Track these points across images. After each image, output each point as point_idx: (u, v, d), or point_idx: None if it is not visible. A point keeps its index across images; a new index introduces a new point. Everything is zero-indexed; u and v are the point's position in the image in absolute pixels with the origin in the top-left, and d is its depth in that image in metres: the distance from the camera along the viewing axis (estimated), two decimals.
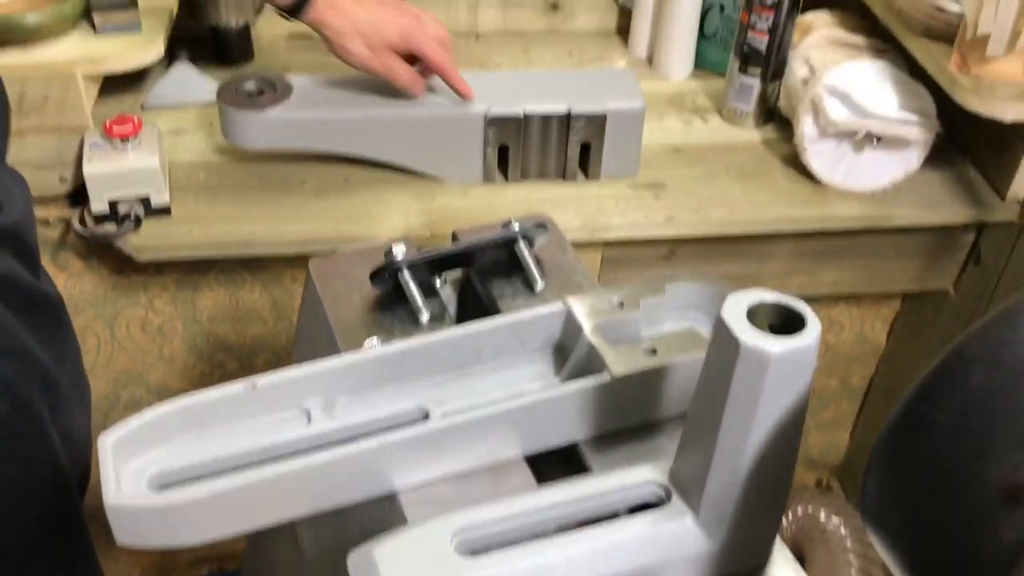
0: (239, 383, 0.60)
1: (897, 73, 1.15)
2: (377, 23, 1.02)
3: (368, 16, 1.02)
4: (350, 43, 1.03)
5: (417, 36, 1.05)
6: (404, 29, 1.04)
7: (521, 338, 0.66)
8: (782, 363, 0.46)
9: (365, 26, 1.02)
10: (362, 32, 1.02)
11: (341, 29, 1.02)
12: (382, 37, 1.03)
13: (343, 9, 1.01)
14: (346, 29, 1.02)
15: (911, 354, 1.42)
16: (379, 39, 1.03)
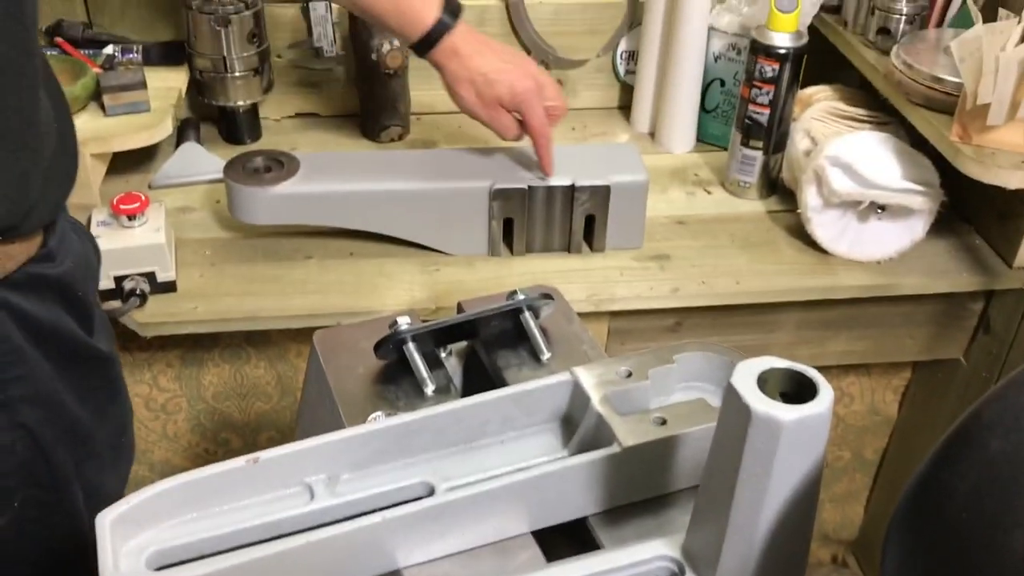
0: (240, 459, 0.59)
1: (899, 144, 1.16)
2: (493, 78, 1.04)
3: (486, 70, 1.04)
4: (462, 89, 1.05)
5: (528, 100, 1.06)
6: (518, 92, 1.05)
7: (528, 410, 0.65)
8: (795, 431, 0.45)
9: (480, 78, 1.04)
10: (475, 83, 1.04)
11: (457, 76, 1.04)
12: (493, 92, 1.05)
13: (464, 57, 1.04)
14: (462, 77, 1.04)
15: (924, 425, 1.40)
16: (490, 93, 1.05)
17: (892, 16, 1.21)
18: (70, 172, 0.78)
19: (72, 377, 0.77)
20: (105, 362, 0.83)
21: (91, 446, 0.80)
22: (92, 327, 0.81)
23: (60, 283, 0.75)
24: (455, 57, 1.03)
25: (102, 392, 0.83)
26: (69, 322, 0.77)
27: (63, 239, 0.77)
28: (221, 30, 1.26)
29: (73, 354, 0.78)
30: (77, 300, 0.78)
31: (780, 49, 1.19)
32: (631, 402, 0.63)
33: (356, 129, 1.44)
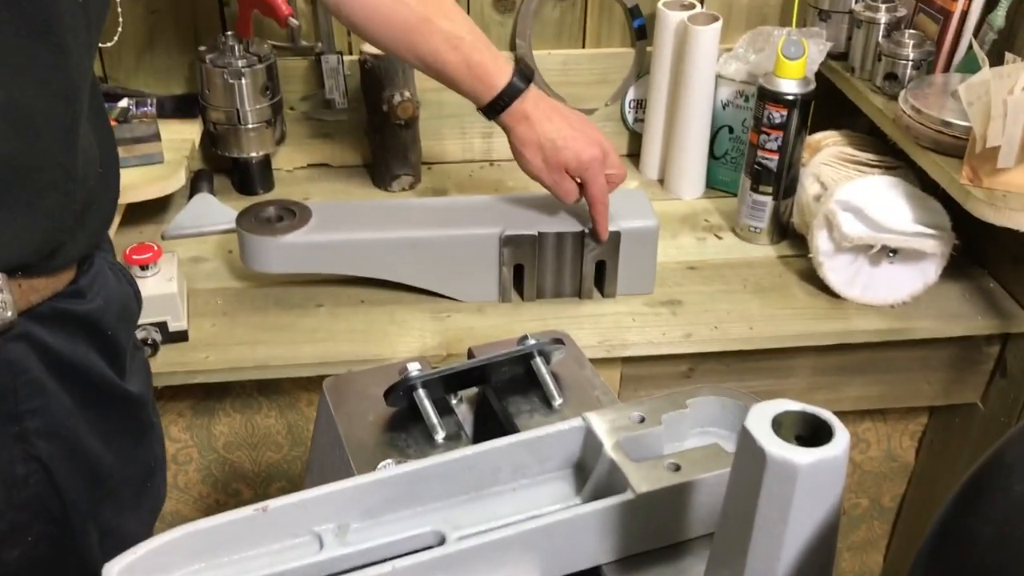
0: (249, 508, 0.58)
1: (909, 188, 1.16)
2: (560, 144, 1.06)
3: (554, 136, 1.06)
4: (529, 153, 1.07)
5: (592, 168, 1.07)
6: (583, 161, 1.07)
7: (540, 456, 0.64)
8: (811, 475, 0.44)
9: (548, 144, 1.06)
10: (543, 148, 1.06)
11: (525, 139, 1.06)
12: (560, 158, 1.06)
13: (534, 121, 1.05)
14: (530, 141, 1.06)
15: (942, 471, 1.38)
16: (557, 158, 1.07)
17: (899, 62, 1.22)
18: (108, 211, 0.78)
19: (96, 416, 0.77)
20: (135, 404, 0.82)
21: (111, 487, 0.79)
22: (124, 368, 0.80)
23: (87, 320, 0.75)
24: (524, 121, 1.05)
25: (129, 434, 0.82)
26: (96, 360, 0.76)
27: (97, 278, 0.77)
28: (234, 83, 1.28)
29: (99, 392, 0.77)
30: (106, 339, 0.77)
31: (788, 95, 1.20)
32: (644, 448, 0.62)
33: (368, 179, 1.46)
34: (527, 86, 1.05)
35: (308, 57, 1.39)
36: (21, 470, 0.72)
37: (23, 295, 0.70)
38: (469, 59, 1.02)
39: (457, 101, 1.43)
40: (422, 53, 1.02)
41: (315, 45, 1.37)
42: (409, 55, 1.03)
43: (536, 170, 1.08)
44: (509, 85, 1.04)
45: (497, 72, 1.04)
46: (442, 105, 1.45)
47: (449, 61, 1.02)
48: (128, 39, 1.33)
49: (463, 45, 1.02)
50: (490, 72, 1.03)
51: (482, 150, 1.51)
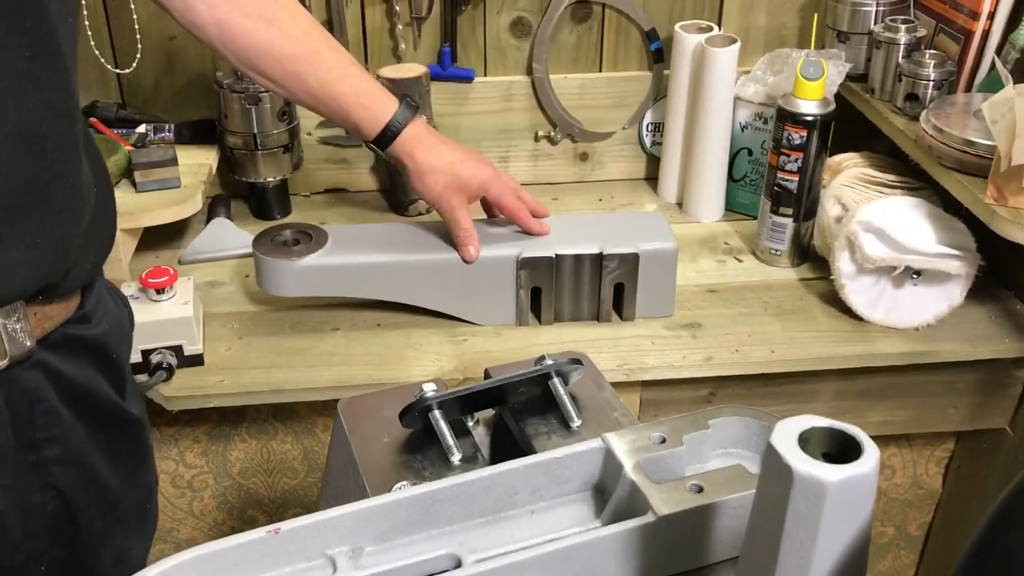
0: (261, 529, 0.57)
1: (932, 208, 1.14)
2: (459, 168, 1.07)
3: (452, 159, 1.06)
4: (430, 178, 1.06)
5: (494, 186, 1.09)
6: (484, 180, 1.08)
7: (558, 478, 0.62)
8: (840, 492, 0.43)
9: (446, 166, 1.06)
10: (443, 171, 1.06)
11: (424, 164, 1.05)
12: (459, 181, 1.07)
13: (430, 146, 1.05)
14: (429, 165, 1.05)
15: (971, 498, 1.35)
16: (456, 182, 1.07)
17: (920, 82, 1.21)
18: (108, 235, 0.79)
19: (103, 440, 0.77)
20: (136, 426, 0.83)
21: (120, 511, 0.79)
22: (125, 390, 0.81)
23: (95, 345, 0.76)
24: (420, 146, 1.04)
25: (132, 457, 0.83)
26: (103, 384, 0.77)
27: (100, 301, 0.78)
28: (252, 108, 1.28)
29: (106, 417, 0.78)
30: (111, 363, 0.78)
31: (808, 116, 1.19)
32: (665, 469, 0.61)
33: (385, 204, 1.45)
34: (415, 114, 1.05)
35: None
36: (38, 499, 0.73)
37: (38, 323, 0.71)
38: (357, 88, 1.01)
39: (473, 124, 1.45)
40: (310, 85, 0.99)
41: None
42: (296, 88, 1.00)
43: (437, 197, 1.07)
44: (399, 111, 1.03)
45: (386, 100, 1.03)
46: (458, 129, 1.44)
47: (338, 91, 1.00)
48: (146, 65, 1.35)
49: (350, 75, 1.01)
50: (380, 100, 1.03)
51: None
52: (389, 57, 1.40)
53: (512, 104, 1.45)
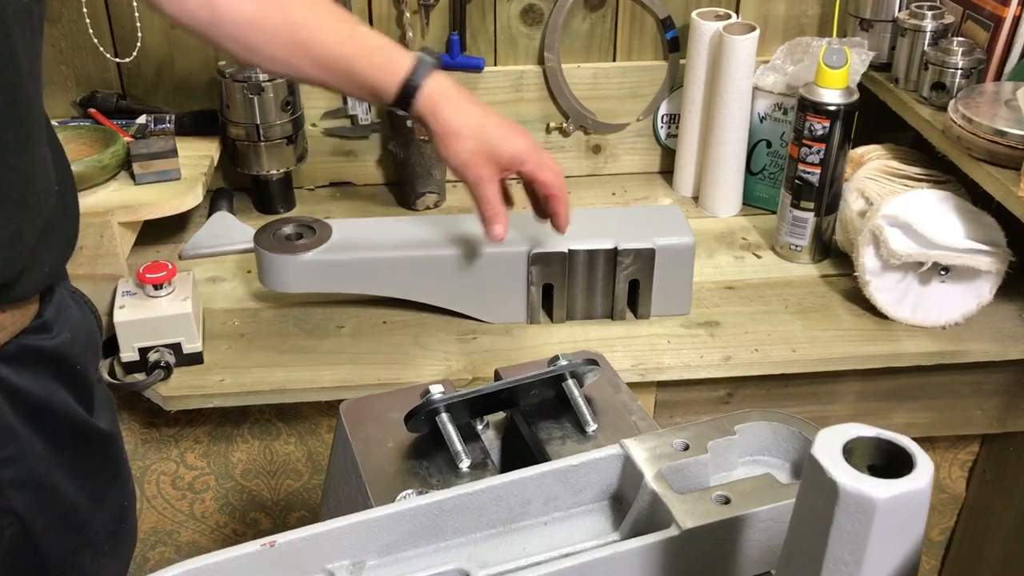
0: (255, 542, 0.53)
1: (960, 202, 1.10)
2: (491, 132, 0.91)
3: (484, 122, 0.91)
4: (455, 143, 0.91)
5: (531, 159, 0.93)
6: (519, 150, 0.93)
7: (574, 487, 0.59)
8: (890, 511, 0.38)
9: (478, 131, 0.91)
10: (470, 136, 0.91)
11: (451, 123, 0.90)
12: (489, 148, 0.91)
13: (458, 105, 0.91)
14: (456, 128, 0.90)
15: (995, 503, 1.31)
16: (485, 149, 0.91)
17: (947, 71, 1.16)
18: (70, 238, 0.74)
19: (68, 458, 0.72)
20: (105, 441, 0.78)
21: (88, 533, 0.75)
22: (92, 404, 0.76)
23: (56, 356, 0.71)
24: (446, 102, 0.90)
25: (101, 474, 0.78)
26: (65, 397, 0.72)
27: (61, 309, 0.73)
28: (254, 98, 1.25)
29: (70, 432, 0.73)
30: (75, 374, 0.73)
31: (830, 106, 1.14)
32: (689, 478, 0.57)
33: (391, 197, 1.42)
34: (435, 66, 0.91)
35: None
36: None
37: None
38: (367, 47, 0.89)
39: None
40: (315, 53, 0.88)
41: None
42: (301, 61, 0.88)
43: (464, 162, 0.91)
44: (418, 63, 0.89)
45: (402, 55, 0.90)
46: None
47: (346, 54, 0.88)
48: (147, 55, 1.31)
49: (358, 35, 0.89)
50: (394, 55, 0.89)
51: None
52: None
53: (523, 94, 1.41)
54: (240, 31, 0.86)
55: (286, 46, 0.87)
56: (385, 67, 0.88)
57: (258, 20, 0.86)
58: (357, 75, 0.89)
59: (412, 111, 0.90)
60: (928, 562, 1.43)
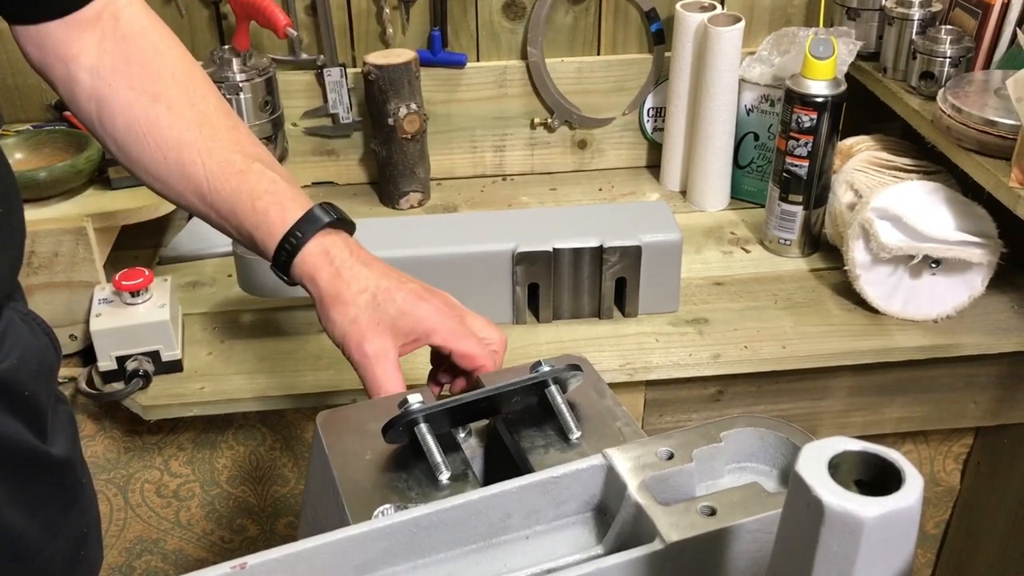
0: (225, 565, 0.51)
1: (951, 193, 1.09)
2: (384, 299, 0.72)
3: (374, 286, 0.73)
4: (336, 310, 0.72)
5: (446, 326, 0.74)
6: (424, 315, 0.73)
7: (556, 499, 0.57)
8: (879, 529, 0.37)
9: (363, 298, 0.72)
10: (358, 303, 0.72)
11: (333, 290, 0.72)
12: (381, 317, 0.72)
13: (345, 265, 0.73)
14: (337, 292, 0.72)
15: (990, 495, 1.29)
16: (376, 318, 0.72)
17: (935, 60, 1.15)
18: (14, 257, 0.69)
19: (16, 487, 0.68)
20: (60, 468, 0.73)
21: (39, 564, 0.71)
22: (44, 430, 0.72)
23: (1, 383, 0.66)
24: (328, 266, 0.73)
25: (56, 501, 0.73)
26: (12, 425, 0.67)
27: (7, 333, 0.68)
28: (232, 98, 1.22)
29: (18, 461, 0.68)
30: (24, 401, 0.68)
31: (817, 97, 1.13)
32: (674, 489, 0.55)
33: (375, 197, 1.40)
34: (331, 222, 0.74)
35: (310, 70, 1.33)
36: None
37: None
38: (255, 187, 0.73)
39: (465, 112, 1.39)
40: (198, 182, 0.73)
41: (317, 57, 1.31)
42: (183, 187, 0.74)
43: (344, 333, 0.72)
44: (305, 216, 0.72)
45: (292, 203, 0.73)
46: (451, 118, 1.39)
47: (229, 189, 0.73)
48: None
49: (252, 171, 0.74)
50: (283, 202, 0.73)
51: (493, 164, 1.44)
52: (376, 43, 1.34)
53: (506, 90, 1.39)
54: (123, 137, 0.74)
55: (169, 168, 0.74)
56: (266, 215, 0.72)
57: (142, 129, 0.74)
58: (238, 218, 0.74)
59: (293, 275, 0.74)
60: (924, 555, 1.42)
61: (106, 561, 1.22)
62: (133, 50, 0.75)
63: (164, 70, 0.76)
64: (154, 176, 0.76)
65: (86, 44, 0.74)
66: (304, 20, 1.31)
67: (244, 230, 0.74)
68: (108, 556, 1.22)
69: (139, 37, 0.76)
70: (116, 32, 0.75)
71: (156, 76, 0.75)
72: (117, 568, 1.23)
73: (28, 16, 0.73)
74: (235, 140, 0.76)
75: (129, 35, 0.76)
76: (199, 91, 0.77)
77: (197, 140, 0.74)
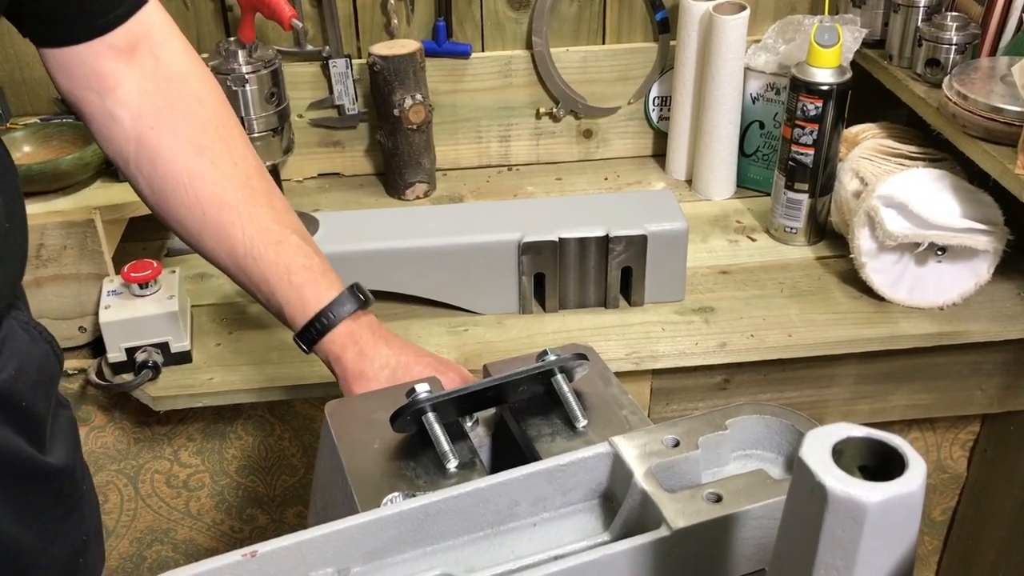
0: (236, 552, 0.51)
1: (957, 180, 1.08)
2: (402, 375, 0.78)
3: (394, 363, 0.79)
4: (360, 386, 0.78)
5: None
6: None
7: (562, 487, 0.57)
8: (882, 515, 0.37)
9: (384, 374, 0.78)
10: (380, 378, 0.78)
11: (357, 368, 0.78)
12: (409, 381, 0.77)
13: (368, 347, 0.78)
14: (361, 370, 0.78)
15: (997, 482, 1.30)
16: None
17: (941, 47, 1.14)
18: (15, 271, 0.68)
19: (12, 496, 0.67)
20: (58, 477, 0.72)
21: (36, 571, 0.70)
22: (43, 439, 0.71)
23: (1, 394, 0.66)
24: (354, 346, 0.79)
25: (54, 510, 0.72)
26: (10, 436, 0.66)
27: (6, 342, 0.67)
28: (238, 90, 1.22)
29: (15, 471, 0.68)
30: (21, 411, 0.67)
31: (823, 85, 1.12)
32: (680, 476, 0.55)
33: (381, 188, 1.40)
34: (361, 308, 0.79)
35: (315, 62, 1.34)
36: None
37: None
38: (292, 261, 0.77)
39: (471, 102, 1.40)
40: (234, 244, 0.76)
41: (322, 49, 1.31)
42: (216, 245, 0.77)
43: None
44: (339, 299, 0.78)
45: (326, 282, 0.79)
46: (456, 107, 1.39)
47: (267, 258, 0.76)
48: None
49: (289, 243, 0.77)
50: (318, 280, 0.78)
51: (499, 154, 1.45)
52: (381, 33, 1.34)
53: (512, 80, 1.39)
54: (162, 186, 0.75)
55: (206, 225, 0.76)
56: (301, 290, 0.77)
57: (185, 181, 0.75)
58: (270, 287, 0.77)
59: (316, 349, 0.79)
60: (931, 542, 1.42)
61: (117, 551, 1.23)
62: (176, 96, 0.75)
63: (208, 122, 0.76)
64: (186, 228, 0.77)
65: (124, 80, 0.74)
66: (309, 11, 1.32)
67: (275, 300, 0.78)
68: (119, 547, 1.23)
69: (182, 83, 0.76)
70: (158, 73, 0.75)
71: (201, 128, 0.76)
72: (128, 558, 1.24)
73: (52, 39, 0.72)
74: (273, 206, 0.78)
75: (172, 78, 0.75)
76: (240, 148, 0.78)
77: (240, 203, 0.76)
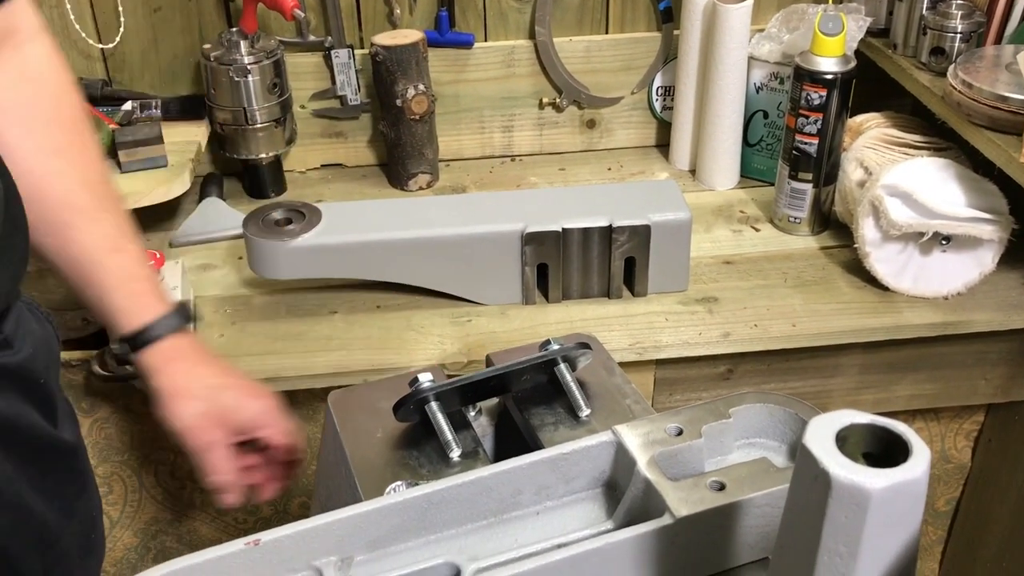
0: (240, 541, 0.52)
1: (961, 169, 1.08)
2: (222, 395, 0.82)
3: (216, 383, 0.83)
4: (180, 404, 0.81)
5: (272, 422, 0.85)
6: (256, 413, 0.84)
7: (566, 475, 0.57)
8: (886, 501, 0.37)
9: (207, 392, 0.82)
10: (200, 397, 0.81)
11: (177, 385, 0.81)
12: (219, 411, 0.82)
13: (190, 364, 0.82)
14: (182, 387, 0.81)
15: (1001, 472, 1.29)
16: (214, 412, 0.82)
17: (946, 35, 1.14)
18: (22, 253, 0.69)
19: (36, 473, 0.69)
20: (71, 453, 0.75)
21: (60, 549, 0.72)
22: (55, 416, 0.73)
23: (20, 372, 0.68)
24: (177, 362, 0.81)
25: (70, 486, 0.75)
26: (30, 414, 0.69)
27: (20, 324, 0.70)
28: (241, 81, 1.22)
29: (37, 449, 0.70)
30: (39, 388, 0.70)
31: (827, 74, 1.12)
32: (683, 464, 0.55)
33: (383, 178, 1.40)
34: (184, 327, 0.84)
35: (317, 52, 1.33)
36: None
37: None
38: (132, 270, 0.80)
39: (473, 92, 1.39)
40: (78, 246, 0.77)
41: (324, 39, 1.31)
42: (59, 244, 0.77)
43: (186, 427, 0.82)
44: (169, 315, 0.81)
45: (158, 299, 0.82)
46: (459, 98, 1.38)
47: (108, 264, 0.78)
48: (130, 40, 1.29)
49: (130, 252, 0.80)
50: (153, 293, 0.81)
51: (502, 145, 1.44)
52: (384, 23, 1.34)
53: (514, 70, 1.38)
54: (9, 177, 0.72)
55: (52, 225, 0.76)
56: (138, 299, 0.80)
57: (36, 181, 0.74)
58: (105, 292, 0.79)
59: (138, 360, 0.81)
60: (935, 532, 1.42)
61: (122, 542, 1.23)
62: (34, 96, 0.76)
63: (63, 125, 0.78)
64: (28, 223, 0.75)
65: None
66: (311, 2, 1.31)
67: (107, 305, 0.79)
68: (123, 537, 1.23)
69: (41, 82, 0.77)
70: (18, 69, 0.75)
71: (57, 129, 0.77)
72: (132, 548, 1.24)
73: None
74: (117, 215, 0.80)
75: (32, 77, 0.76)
76: (91, 154, 0.79)
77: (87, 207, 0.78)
